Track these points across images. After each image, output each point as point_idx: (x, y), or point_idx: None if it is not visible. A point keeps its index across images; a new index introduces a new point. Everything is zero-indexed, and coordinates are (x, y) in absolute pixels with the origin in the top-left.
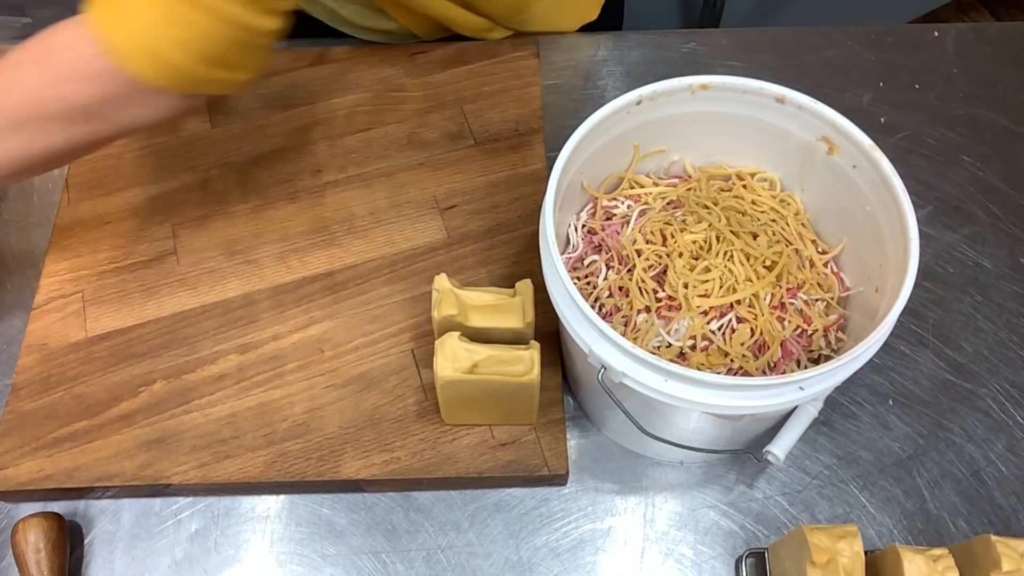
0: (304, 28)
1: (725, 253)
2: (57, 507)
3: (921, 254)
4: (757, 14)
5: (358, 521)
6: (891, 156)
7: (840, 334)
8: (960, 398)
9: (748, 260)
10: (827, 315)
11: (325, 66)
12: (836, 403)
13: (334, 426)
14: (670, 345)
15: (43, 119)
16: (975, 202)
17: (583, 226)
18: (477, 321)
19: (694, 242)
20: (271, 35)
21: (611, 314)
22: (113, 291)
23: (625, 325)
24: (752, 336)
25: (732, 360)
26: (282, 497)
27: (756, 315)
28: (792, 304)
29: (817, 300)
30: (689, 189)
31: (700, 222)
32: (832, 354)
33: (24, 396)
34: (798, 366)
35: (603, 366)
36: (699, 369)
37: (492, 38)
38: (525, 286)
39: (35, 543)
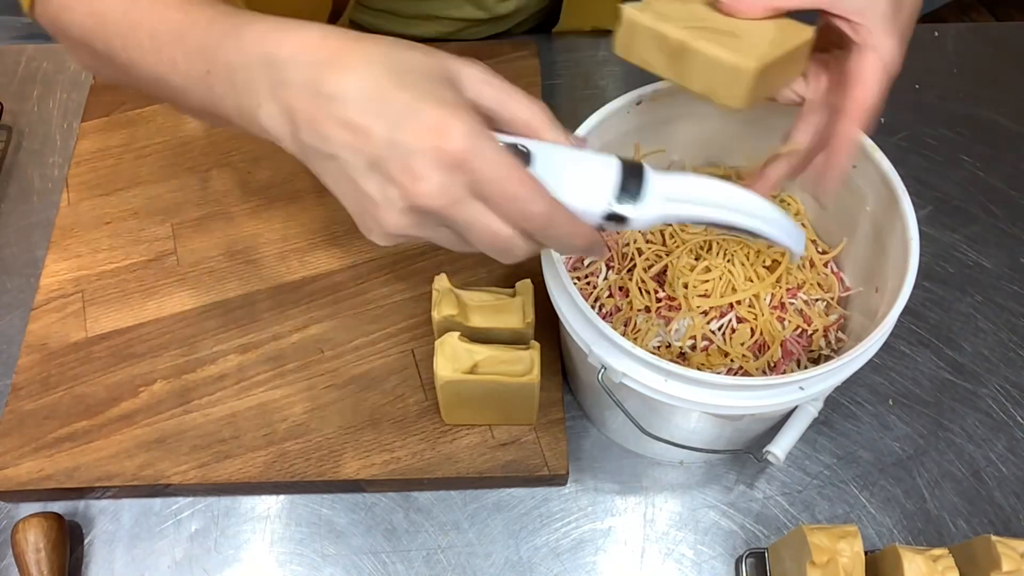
0: None
1: (725, 253)
2: (57, 507)
3: (921, 254)
4: None
5: (358, 521)
6: (891, 156)
7: (840, 334)
8: (960, 398)
9: (748, 260)
10: (827, 315)
11: None
12: (836, 403)
13: (334, 426)
14: (670, 345)
15: None
16: (975, 202)
17: None
18: (477, 321)
19: (694, 242)
20: None
21: (611, 314)
22: (113, 291)
23: (625, 325)
24: (752, 336)
25: (732, 360)
26: (282, 497)
27: (756, 315)
28: (792, 304)
29: (817, 300)
30: None
31: None
32: (832, 354)
33: (24, 396)
34: (798, 366)
35: (603, 366)
36: (699, 369)
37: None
38: (525, 286)
39: (35, 543)
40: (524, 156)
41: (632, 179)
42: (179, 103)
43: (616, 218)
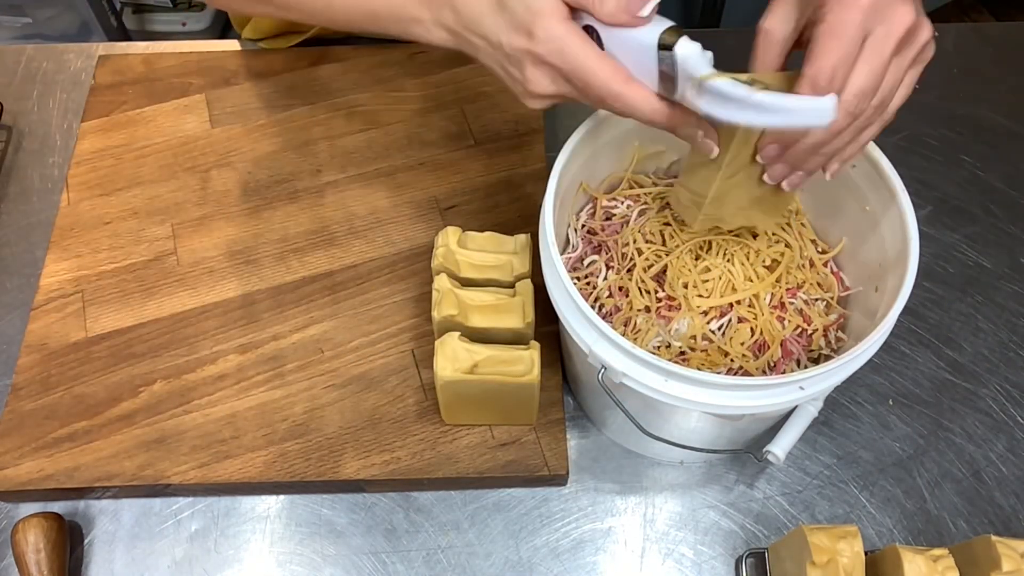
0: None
1: (725, 253)
2: (57, 507)
3: (921, 254)
4: (757, 14)
5: (358, 521)
6: (891, 156)
7: (840, 334)
8: (960, 398)
9: (748, 260)
10: (827, 315)
11: (325, 66)
12: (836, 403)
13: (334, 426)
14: (670, 345)
15: None
16: (975, 202)
17: (583, 226)
18: (477, 321)
19: (694, 242)
20: None
21: (611, 314)
22: (113, 291)
23: (625, 325)
24: (752, 336)
25: (732, 360)
26: (282, 497)
27: (756, 315)
28: (792, 304)
29: (817, 300)
30: None
31: None
32: (832, 354)
33: (24, 396)
34: (798, 366)
35: (603, 366)
36: (699, 369)
37: None
38: (525, 286)
39: (35, 543)
40: (596, 36)
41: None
42: (332, 24)
43: (667, 80)
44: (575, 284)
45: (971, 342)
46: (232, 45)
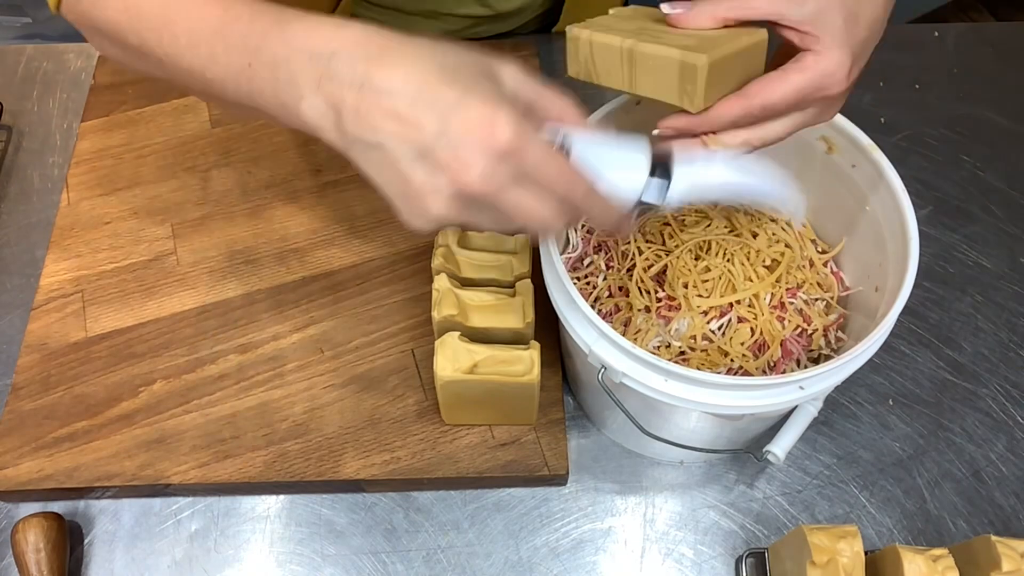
0: None
1: (725, 253)
2: (57, 507)
3: (921, 254)
4: None
5: (358, 521)
6: (891, 156)
7: (840, 333)
8: (960, 398)
9: (748, 260)
10: (827, 314)
11: None
12: (836, 403)
13: (334, 426)
14: (670, 345)
15: None
16: (975, 202)
17: (583, 226)
18: (477, 321)
19: (694, 242)
20: None
21: (611, 314)
22: (113, 291)
23: (625, 325)
24: (752, 336)
25: (732, 360)
26: (282, 497)
27: (756, 315)
28: (792, 303)
29: (817, 299)
30: None
31: (699, 222)
32: (832, 353)
33: (24, 396)
34: (798, 365)
35: (603, 366)
36: (699, 369)
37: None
38: (525, 286)
39: (35, 543)
40: (562, 150)
41: (659, 175)
42: (213, 96)
43: (645, 207)
44: (575, 284)
45: (971, 342)
46: None
